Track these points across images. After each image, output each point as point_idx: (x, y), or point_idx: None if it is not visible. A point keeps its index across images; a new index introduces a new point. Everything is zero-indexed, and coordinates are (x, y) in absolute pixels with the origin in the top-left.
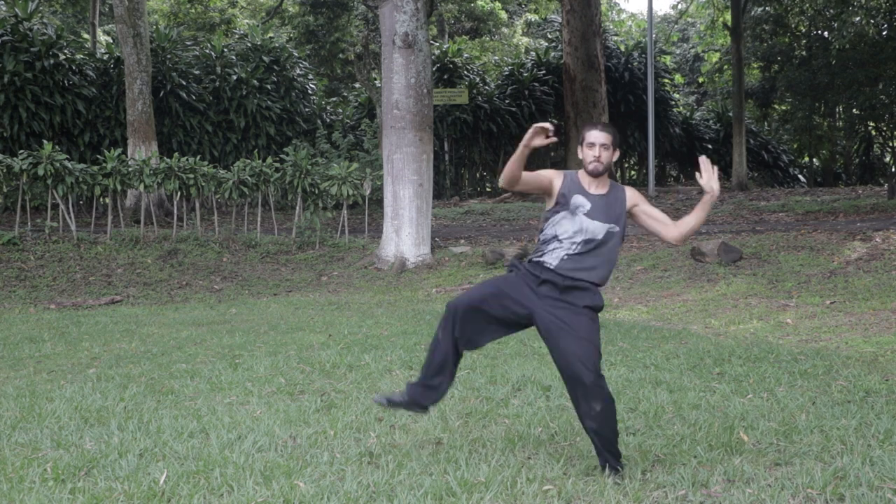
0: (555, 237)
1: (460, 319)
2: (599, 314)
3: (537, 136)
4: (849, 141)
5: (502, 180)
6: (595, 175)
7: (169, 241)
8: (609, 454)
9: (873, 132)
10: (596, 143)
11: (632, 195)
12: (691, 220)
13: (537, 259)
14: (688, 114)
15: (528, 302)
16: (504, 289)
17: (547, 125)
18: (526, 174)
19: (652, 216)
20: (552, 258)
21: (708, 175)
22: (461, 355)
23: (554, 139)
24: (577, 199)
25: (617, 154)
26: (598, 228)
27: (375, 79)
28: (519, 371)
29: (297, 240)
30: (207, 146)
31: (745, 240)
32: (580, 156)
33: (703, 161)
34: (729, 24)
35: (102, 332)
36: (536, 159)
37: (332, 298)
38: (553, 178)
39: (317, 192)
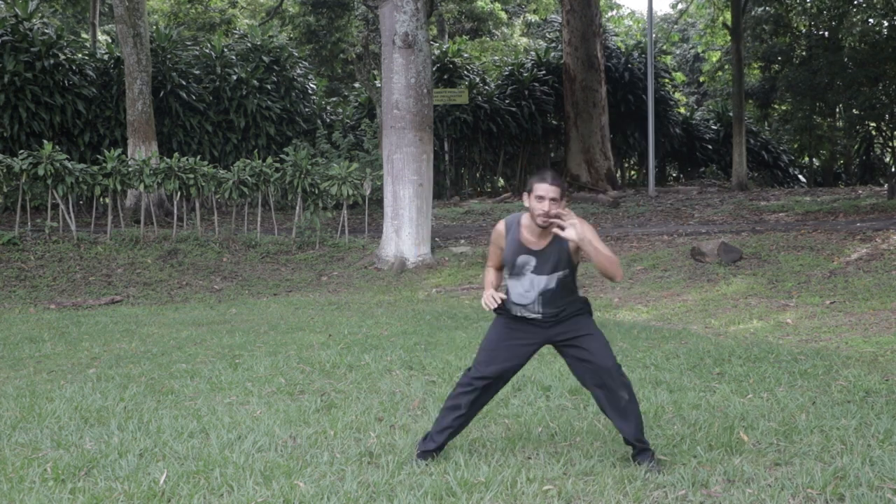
0: (514, 297)
1: (484, 389)
2: (595, 314)
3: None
4: (849, 141)
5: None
6: (543, 227)
7: (169, 241)
8: (641, 443)
9: (873, 132)
10: (546, 197)
11: (572, 238)
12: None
13: (518, 314)
14: (688, 114)
15: (536, 337)
16: (510, 342)
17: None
18: (495, 260)
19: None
20: (530, 311)
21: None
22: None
23: (545, 190)
24: (521, 260)
25: (563, 204)
26: (548, 280)
27: (375, 79)
28: (519, 371)
29: (297, 240)
30: (207, 146)
31: (745, 240)
32: (527, 204)
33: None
34: (729, 23)
35: (102, 332)
36: (536, 159)
37: (332, 298)
38: (500, 245)
39: (317, 192)
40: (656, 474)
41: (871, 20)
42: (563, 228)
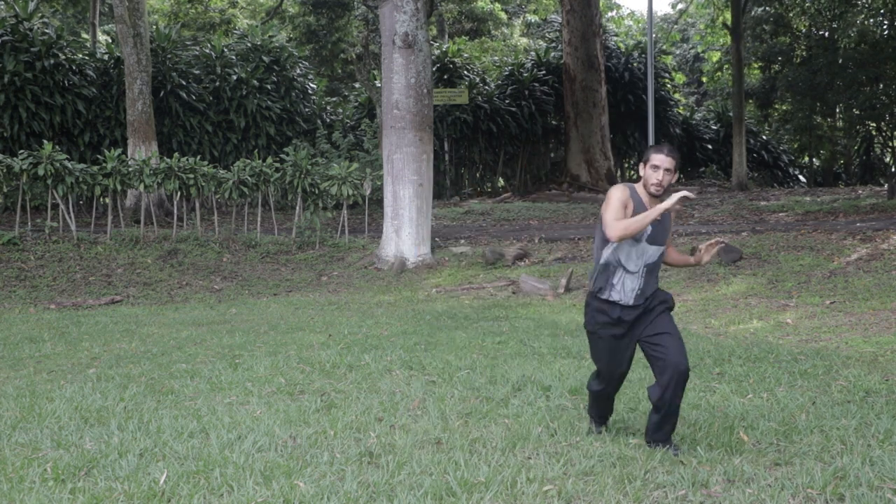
0: (620, 265)
1: (606, 398)
2: None
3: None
4: (849, 141)
5: (622, 234)
6: (656, 197)
7: (169, 241)
8: (670, 433)
9: (873, 132)
10: (661, 167)
11: (673, 217)
12: (676, 256)
13: (605, 297)
14: (688, 114)
15: (627, 334)
16: (613, 347)
17: (691, 195)
18: (620, 214)
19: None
20: (623, 295)
21: (708, 255)
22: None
23: (662, 161)
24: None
25: (675, 178)
26: (654, 252)
27: (375, 79)
28: (519, 371)
29: (297, 240)
30: (207, 146)
31: (745, 240)
32: (641, 173)
33: (717, 243)
34: (729, 23)
35: (102, 332)
36: (536, 159)
37: (332, 298)
38: (627, 203)
39: (317, 192)
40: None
41: (870, 20)
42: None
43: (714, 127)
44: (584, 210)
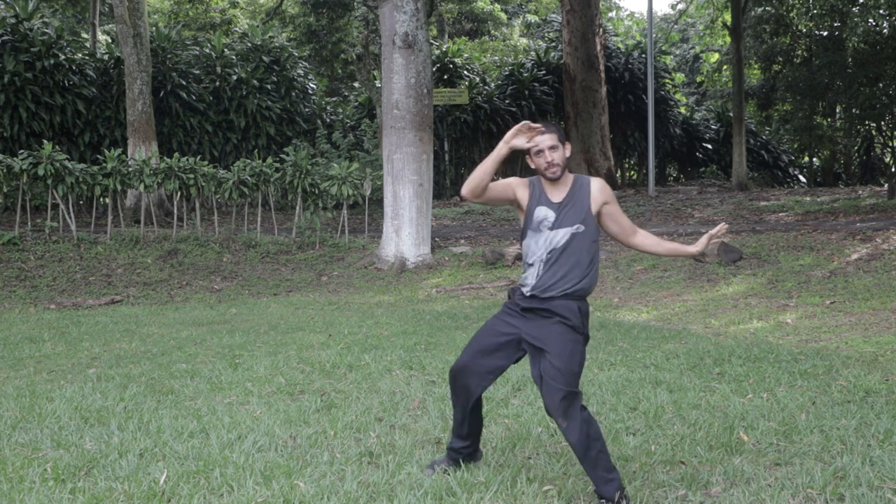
0: (527, 263)
1: (460, 378)
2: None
3: (521, 134)
4: (849, 141)
5: (467, 188)
6: (556, 179)
7: (169, 241)
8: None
9: (873, 132)
10: (544, 148)
11: (598, 191)
12: (657, 245)
13: (520, 287)
14: (688, 114)
15: (515, 326)
16: (492, 325)
17: (536, 125)
18: (492, 184)
19: (615, 220)
20: (527, 283)
21: (708, 241)
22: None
23: (539, 141)
24: (539, 213)
25: (569, 148)
26: (561, 235)
27: (375, 79)
28: (519, 371)
29: (297, 240)
30: (207, 146)
31: (745, 240)
32: (532, 166)
33: (721, 228)
34: (729, 23)
35: (102, 332)
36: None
37: (332, 298)
38: (516, 188)
39: (317, 192)
40: None
41: (872, 20)
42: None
43: (714, 127)
44: None
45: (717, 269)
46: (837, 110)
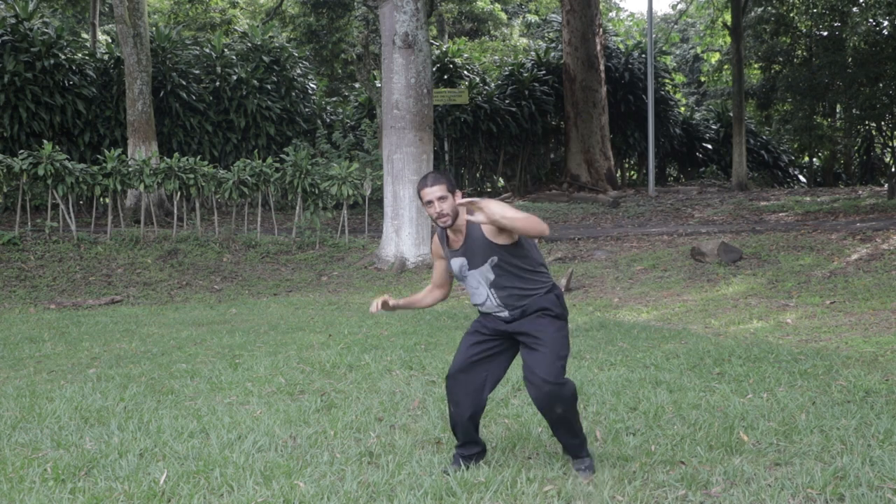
0: (478, 303)
1: (454, 387)
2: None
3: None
4: (849, 141)
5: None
6: (449, 227)
7: (169, 241)
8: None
9: (873, 132)
10: (433, 200)
11: (484, 226)
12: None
13: (496, 316)
14: (688, 114)
15: (499, 329)
16: (477, 329)
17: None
18: (434, 272)
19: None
20: (501, 314)
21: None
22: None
23: (427, 194)
24: (455, 264)
25: (459, 196)
26: (486, 269)
27: (375, 79)
28: (519, 371)
29: (297, 240)
30: (207, 146)
31: (745, 240)
32: (428, 213)
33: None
34: (729, 24)
35: (102, 332)
36: (536, 159)
37: (332, 298)
38: (436, 254)
39: (317, 192)
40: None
41: (871, 20)
42: (472, 214)
43: (714, 127)
44: (583, 210)
45: (717, 269)
46: (837, 110)
